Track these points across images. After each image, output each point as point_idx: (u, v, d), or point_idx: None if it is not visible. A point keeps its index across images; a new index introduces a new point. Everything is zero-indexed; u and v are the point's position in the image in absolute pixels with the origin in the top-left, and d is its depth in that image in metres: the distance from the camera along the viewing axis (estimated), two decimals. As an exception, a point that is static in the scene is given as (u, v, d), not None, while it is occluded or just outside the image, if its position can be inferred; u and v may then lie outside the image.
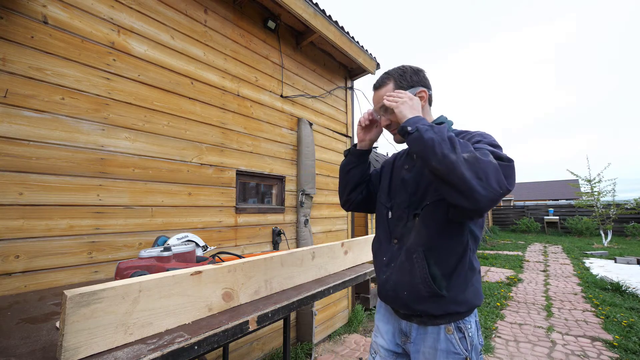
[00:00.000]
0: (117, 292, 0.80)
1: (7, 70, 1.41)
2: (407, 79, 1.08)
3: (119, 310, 0.80)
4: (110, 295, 0.79)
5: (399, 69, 1.11)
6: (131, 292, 0.83)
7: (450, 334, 0.96)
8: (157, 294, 0.89)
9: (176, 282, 0.94)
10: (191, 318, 0.97)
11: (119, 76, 1.78)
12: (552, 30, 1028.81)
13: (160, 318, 0.89)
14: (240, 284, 1.15)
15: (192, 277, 0.98)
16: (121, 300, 0.81)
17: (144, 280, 0.87)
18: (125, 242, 1.77)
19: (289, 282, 1.39)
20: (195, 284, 0.99)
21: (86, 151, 1.64)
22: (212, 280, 1.05)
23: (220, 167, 2.32)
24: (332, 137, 3.61)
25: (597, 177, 12.35)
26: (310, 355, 2.81)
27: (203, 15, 2.28)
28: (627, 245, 11.03)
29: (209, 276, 1.04)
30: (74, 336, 0.72)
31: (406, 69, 1.09)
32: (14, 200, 1.41)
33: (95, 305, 0.76)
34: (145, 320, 0.85)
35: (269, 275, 1.28)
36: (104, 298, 0.77)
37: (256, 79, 2.67)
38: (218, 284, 1.07)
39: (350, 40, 3.39)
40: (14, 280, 1.39)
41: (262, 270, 1.26)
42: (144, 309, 0.85)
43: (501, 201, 21.76)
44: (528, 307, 4.40)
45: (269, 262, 1.29)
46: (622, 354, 2.97)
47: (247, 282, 1.18)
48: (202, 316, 1.00)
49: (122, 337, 0.81)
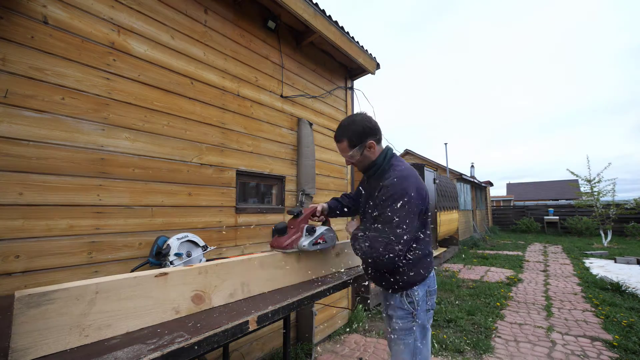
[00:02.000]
0: (71, 294, 0.79)
1: (7, 70, 1.41)
2: (357, 136, 1.42)
3: (73, 312, 0.79)
4: (63, 296, 0.77)
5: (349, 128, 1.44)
6: (87, 293, 0.81)
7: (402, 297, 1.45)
8: (116, 295, 0.87)
9: (138, 284, 0.92)
10: (157, 320, 0.95)
11: (119, 76, 1.78)
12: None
13: (121, 320, 0.87)
14: (213, 286, 1.13)
15: (157, 278, 0.97)
16: (75, 301, 0.79)
17: (100, 281, 0.85)
18: (125, 242, 1.77)
19: (270, 284, 1.35)
20: (160, 286, 0.97)
21: (86, 151, 1.64)
22: (180, 282, 1.03)
23: (220, 167, 2.32)
24: (332, 137, 3.61)
25: (596, 177, 12.36)
26: (310, 355, 2.81)
27: (203, 15, 2.28)
28: (627, 245, 11.03)
29: (177, 278, 1.02)
30: (22, 337, 0.71)
31: (356, 128, 1.43)
32: (14, 200, 1.41)
33: (46, 306, 0.74)
34: (103, 322, 0.84)
35: (246, 277, 1.25)
36: (56, 299, 0.76)
37: (256, 79, 2.67)
38: (187, 286, 1.04)
39: (350, 40, 3.40)
40: (14, 280, 1.39)
41: (239, 273, 1.22)
42: (102, 311, 0.84)
43: (501, 201, 21.72)
44: (528, 307, 4.40)
45: (246, 264, 1.25)
46: (622, 354, 2.98)
47: (221, 284, 1.16)
48: (169, 319, 0.98)
49: (76, 339, 0.79)
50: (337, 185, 3.64)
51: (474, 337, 3.34)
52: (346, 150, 1.45)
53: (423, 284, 1.47)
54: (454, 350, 3.05)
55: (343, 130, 1.46)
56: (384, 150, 1.49)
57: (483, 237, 13.04)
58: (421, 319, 1.44)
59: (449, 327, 3.63)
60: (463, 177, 12.36)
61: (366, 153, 1.45)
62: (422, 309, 1.45)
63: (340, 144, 1.46)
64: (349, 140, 1.43)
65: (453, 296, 4.86)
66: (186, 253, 1.64)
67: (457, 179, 11.76)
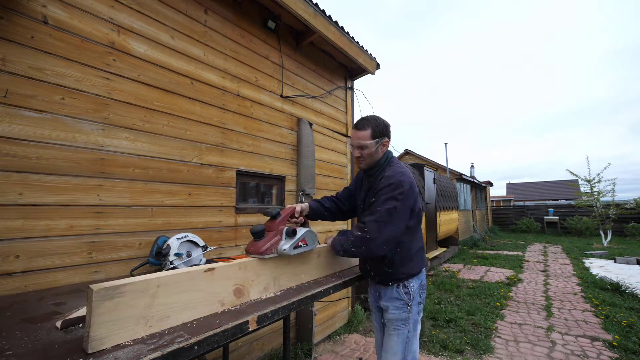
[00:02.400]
0: (137, 287, 0.85)
1: (7, 70, 1.41)
2: (379, 130, 1.51)
3: (139, 304, 0.85)
4: (131, 289, 0.83)
5: (375, 120, 1.52)
6: (150, 287, 0.88)
7: (398, 288, 1.52)
8: (173, 288, 0.93)
9: (191, 278, 0.98)
10: (205, 312, 1.02)
11: (119, 76, 1.78)
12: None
13: (177, 312, 0.94)
14: (250, 281, 1.20)
15: (206, 273, 1.03)
16: (141, 294, 0.85)
17: (162, 275, 0.92)
18: (125, 242, 1.77)
19: (296, 279, 1.44)
20: (208, 280, 1.04)
21: (86, 151, 1.64)
22: (224, 277, 1.09)
23: (220, 167, 2.32)
24: (332, 137, 3.62)
25: (596, 177, 12.36)
26: (310, 355, 2.81)
27: (203, 15, 2.28)
28: (627, 245, 11.04)
29: (221, 273, 1.09)
30: (99, 327, 0.77)
31: (380, 123, 1.52)
32: (14, 200, 1.41)
33: (118, 299, 0.80)
34: (163, 313, 0.90)
35: (276, 272, 1.33)
36: (125, 292, 0.82)
37: (256, 79, 2.67)
38: (229, 280, 1.12)
39: (350, 41, 3.40)
40: (14, 280, 1.39)
41: (271, 268, 1.30)
42: (162, 303, 0.90)
43: (501, 201, 21.67)
44: (528, 307, 4.40)
45: (276, 261, 1.33)
46: (622, 354, 2.98)
47: (257, 279, 1.23)
48: (215, 311, 1.05)
49: (142, 329, 0.85)
50: (337, 185, 3.64)
51: (474, 337, 3.34)
52: (366, 138, 1.49)
53: (417, 278, 1.56)
54: (454, 350, 3.05)
55: (369, 120, 1.52)
56: (385, 153, 1.58)
57: (483, 237, 13.04)
58: (415, 310, 1.53)
59: (449, 327, 3.63)
60: (463, 177, 12.36)
61: (379, 149, 1.53)
62: (416, 301, 1.54)
63: (363, 131, 1.50)
64: (373, 130, 1.49)
65: (453, 296, 4.86)
66: (186, 253, 1.64)
67: (457, 179, 11.75)
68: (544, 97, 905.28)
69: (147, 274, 1.05)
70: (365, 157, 1.53)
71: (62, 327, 0.93)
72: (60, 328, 0.92)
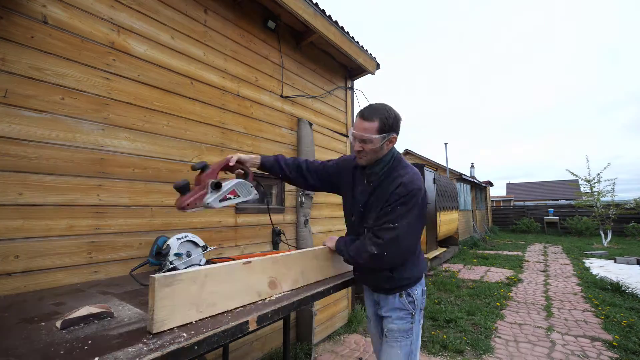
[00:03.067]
0: (189, 276, 0.95)
1: (7, 70, 1.40)
2: (389, 124, 1.30)
3: (192, 291, 0.95)
4: (185, 278, 0.94)
5: (385, 111, 1.30)
6: (199, 276, 0.98)
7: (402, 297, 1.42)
8: (218, 278, 1.04)
9: (232, 271, 1.10)
10: (245, 301, 1.12)
11: (119, 76, 1.78)
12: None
13: (222, 300, 1.04)
14: (282, 274, 1.29)
15: (244, 266, 1.13)
16: (193, 283, 0.96)
17: (209, 268, 1.02)
18: (125, 242, 1.77)
19: (320, 274, 1.51)
20: (246, 273, 1.14)
21: (86, 151, 1.64)
22: (259, 270, 1.20)
23: (220, 167, 2.32)
24: (332, 137, 3.62)
25: (596, 177, 12.37)
26: (310, 355, 2.81)
27: (203, 15, 2.28)
28: (627, 245, 11.04)
29: (257, 266, 1.19)
30: (161, 310, 0.87)
31: (390, 115, 1.31)
32: (14, 200, 1.41)
33: (175, 285, 0.91)
34: (211, 300, 1.01)
35: (304, 267, 1.41)
36: (180, 280, 0.93)
37: (256, 79, 2.67)
38: (264, 274, 1.22)
39: (350, 41, 3.40)
40: (14, 280, 1.39)
41: (299, 263, 1.39)
42: (210, 292, 1.00)
43: (501, 201, 21.71)
44: (528, 307, 4.40)
45: (304, 256, 1.43)
46: (622, 354, 2.98)
47: (288, 272, 1.32)
48: (254, 300, 1.15)
49: (195, 314, 0.96)
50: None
51: (474, 337, 3.34)
52: (372, 132, 1.28)
53: (420, 283, 1.47)
54: (453, 350, 3.05)
55: (377, 110, 1.30)
56: (391, 150, 1.41)
57: (483, 237, 13.04)
58: (418, 318, 1.45)
59: (449, 327, 3.63)
60: (463, 177, 12.36)
61: (384, 146, 1.34)
62: (419, 308, 1.46)
63: (370, 123, 1.29)
64: (381, 123, 1.29)
65: (453, 296, 4.86)
66: (186, 253, 1.64)
67: (457, 179, 11.76)
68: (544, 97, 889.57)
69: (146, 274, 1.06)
70: (368, 152, 1.33)
71: (62, 327, 0.93)
72: (60, 328, 0.92)
